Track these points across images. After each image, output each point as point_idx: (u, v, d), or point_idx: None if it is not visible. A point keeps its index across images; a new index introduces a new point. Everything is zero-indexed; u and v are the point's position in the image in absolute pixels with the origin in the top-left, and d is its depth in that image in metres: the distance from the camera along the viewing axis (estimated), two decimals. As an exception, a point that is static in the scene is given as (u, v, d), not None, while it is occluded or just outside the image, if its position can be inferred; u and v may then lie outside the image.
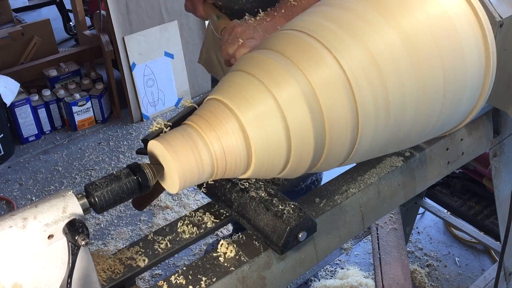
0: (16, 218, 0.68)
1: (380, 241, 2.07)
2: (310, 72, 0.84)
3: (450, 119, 1.02)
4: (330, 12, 0.92)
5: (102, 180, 0.78)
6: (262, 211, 0.92)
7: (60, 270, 0.73)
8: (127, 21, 3.35)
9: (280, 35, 0.93)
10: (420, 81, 0.90)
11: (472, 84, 0.98)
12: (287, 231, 0.88)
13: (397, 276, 1.89)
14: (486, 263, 2.51)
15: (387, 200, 1.13)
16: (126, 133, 3.52)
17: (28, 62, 3.56)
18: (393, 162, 1.16)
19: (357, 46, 0.86)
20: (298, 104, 0.83)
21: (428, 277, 2.42)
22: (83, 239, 0.70)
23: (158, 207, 2.85)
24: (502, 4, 1.11)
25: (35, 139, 3.45)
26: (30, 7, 5.23)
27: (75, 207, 0.72)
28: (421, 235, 2.67)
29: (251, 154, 0.84)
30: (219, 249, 0.94)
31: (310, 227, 0.92)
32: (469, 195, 2.19)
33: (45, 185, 3.06)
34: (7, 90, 3.13)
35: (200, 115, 0.85)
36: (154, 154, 0.83)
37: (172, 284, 0.88)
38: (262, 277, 0.93)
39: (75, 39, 4.64)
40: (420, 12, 0.91)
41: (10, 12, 3.81)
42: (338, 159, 0.92)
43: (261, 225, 0.92)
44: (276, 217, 0.90)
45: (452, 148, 1.26)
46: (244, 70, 0.88)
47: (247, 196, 0.95)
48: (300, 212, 0.90)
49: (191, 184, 0.83)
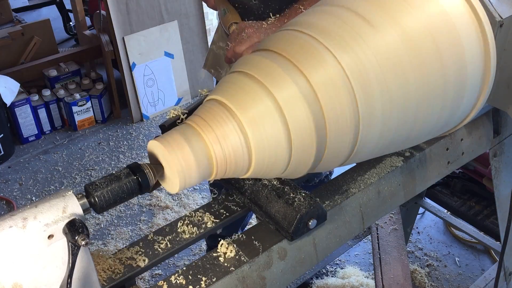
0: (16, 218, 0.68)
1: (380, 241, 2.07)
2: (310, 72, 0.84)
3: (450, 119, 1.02)
4: (330, 12, 0.92)
5: (102, 180, 0.78)
6: (273, 198, 0.94)
7: (60, 270, 0.73)
8: (127, 21, 3.35)
9: (280, 35, 0.93)
10: (420, 81, 0.90)
11: (472, 84, 0.98)
12: (298, 218, 0.90)
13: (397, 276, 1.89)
14: (486, 263, 2.51)
15: (387, 200, 1.13)
16: (126, 133, 3.52)
17: (28, 62, 3.56)
18: (393, 162, 1.15)
19: (358, 46, 0.86)
20: (298, 104, 0.83)
21: (428, 277, 2.42)
22: (83, 239, 0.70)
23: (158, 207, 2.85)
24: (502, 4, 1.11)
25: (35, 139, 3.45)
26: (30, 7, 5.23)
27: (75, 207, 0.72)
28: (421, 235, 2.67)
29: (251, 154, 0.84)
30: (219, 249, 0.94)
31: (320, 215, 0.94)
32: (469, 195, 2.19)
33: (45, 185, 3.06)
34: (7, 90, 3.13)
35: (199, 116, 0.85)
36: (154, 154, 0.83)
37: (172, 284, 0.88)
38: (262, 277, 0.93)
39: (75, 39, 4.64)
40: (420, 12, 0.91)
41: (10, 12, 3.82)
42: (339, 159, 0.92)
43: (272, 212, 0.94)
44: (287, 204, 0.92)
45: (452, 148, 1.26)
46: (243, 71, 0.88)
47: (260, 183, 0.98)
48: (310, 200, 0.92)
49: (191, 184, 0.83)
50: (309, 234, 0.98)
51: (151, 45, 3.49)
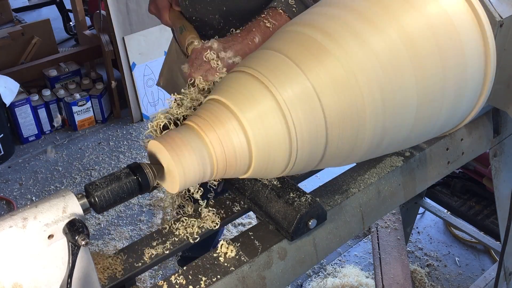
0: (16, 218, 0.68)
1: (380, 241, 2.07)
2: (310, 71, 0.84)
3: (450, 119, 1.02)
4: (330, 12, 0.92)
5: (102, 180, 0.78)
6: (273, 198, 0.95)
7: (60, 270, 0.73)
8: (127, 21, 3.35)
9: (280, 35, 0.93)
10: (420, 81, 0.90)
11: (472, 84, 0.98)
12: (297, 218, 0.90)
13: (397, 276, 1.89)
14: (486, 263, 2.51)
15: (387, 200, 1.13)
16: (126, 133, 3.52)
17: (28, 62, 3.56)
18: (393, 162, 1.16)
19: (358, 46, 0.86)
20: (299, 104, 0.83)
21: (428, 277, 2.42)
22: (83, 239, 0.70)
23: (158, 207, 2.85)
24: (502, 4, 1.11)
25: (35, 139, 3.45)
26: (30, 7, 5.23)
27: (75, 207, 0.72)
28: (421, 235, 2.67)
29: (252, 154, 0.84)
30: (219, 249, 0.94)
31: (320, 215, 0.94)
32: (469, 195, 2.19)
33: (45, 185, 3.06)
34: (7, 90, 3.13)
35: (200, 115, 0.85)
36: (154, 154, 0.83)
37: (172, 284, 0.88)
38: (262, 277, 0.93)
39: (75, 39, 4.64)
40: (420, 12, 0.91)
41: (10, 12, 3.82)
42: (339, 159, 0.92)
43: (272, 211, 0.94)
44: (287, 204, 0.92)
45: (452, 148, 1.26)
46: (244, 71, 0.88)
47: (260, 183, 0.98)
48: (311, 200, 0.92)
49: (191, 184, 0.83)
50: (309, 234, 0.98)
51: (151, 45, 3.49)
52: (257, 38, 1.12)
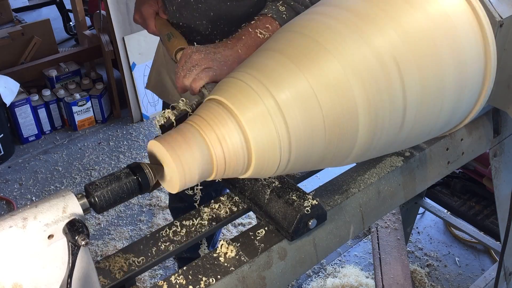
0: (16, 218, 0.68)
1: (380, 241, 2.07)
2: (310, 72, 0.84)
3: (450, 119, 1.02)
4: (330, 12, 0.92)
5: (102, 180, 0.78)
6: (273, 198, 0.95)
7: (60, 270, 0.73)
8: (127, 21, 3.35)
9: (280, 36, 0.93)
10: (421, 81, 0.90)
11: (472, 84, 0.98)
12: (298, 218, 0.90)
13: (397, 276, 1.89)
14: (486, 263, 2.51)
15: (387, 200, 1.13)
16: (126, 133, 3.52)
17: (28, 62, 3.56)
18: (393, 162, 1.16)
19: (358, 46, 0.86)
20: (298, 105, 0.83)
21: (428, 277, 2.42)
22: (83, 239, 0.70)
23: (158, 207, 2.85)
24: (502, 4, 1.11)
25: (35, 139, 3.45)
26: (30, 7, 5.23)
27: (75, 207, 0.72)
28: (421, 235, 2.67)
29: (251, 154, 0.84)
30: (219, 249, 0.94)
31: (320, 215, 0.94)
32: (469, 195, 2.19)
33: (45, 185, 3.06)
34: (7, 90, 3.13)
35: (200, 115, 0.85)
36: (154, 154, 0.83)
37: (172, 284, 0.88)
38: (262, 277, 0.93)
39: (75, 39, 4.64)
40: (420, 12, 0.91)
41: (10, 12, 3.82)
42: (338, 159, 0.92)
43: (272, 211, 0.94)
44: (287, 204, 0.92)
45: (452, 148, 1.26)
46: (243, 71, 0.88)
47: (260, 183, 0.98)
48: (311, 200, 0.92)
49: (191, 184, 0.83)
50: (309, 234, 0.98)
51: (151, 45, 3.47)
52: (246, 46, 1.12)
